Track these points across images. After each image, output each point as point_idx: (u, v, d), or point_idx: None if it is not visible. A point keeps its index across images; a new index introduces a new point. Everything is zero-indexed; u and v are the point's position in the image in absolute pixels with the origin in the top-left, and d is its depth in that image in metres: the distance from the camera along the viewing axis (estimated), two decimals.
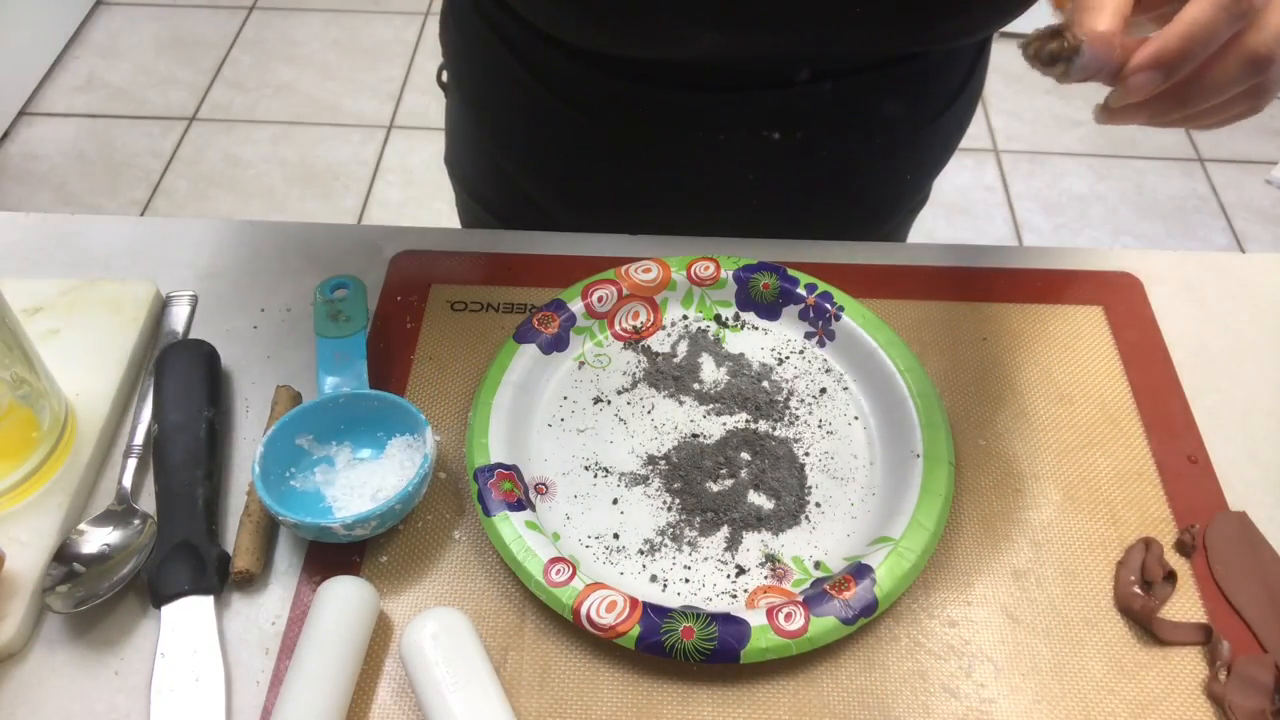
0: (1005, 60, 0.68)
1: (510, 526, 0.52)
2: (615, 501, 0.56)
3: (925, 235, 1.71)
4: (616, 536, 0.54)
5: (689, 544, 0.54)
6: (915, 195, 0.83)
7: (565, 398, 0.61)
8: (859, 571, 0.51)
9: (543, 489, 0.56)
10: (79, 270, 0.68)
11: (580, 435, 0.59)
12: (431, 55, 0.70)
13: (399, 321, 0.65)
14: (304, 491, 0.55)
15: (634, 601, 0.50)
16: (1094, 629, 0.52)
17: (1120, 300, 0.67)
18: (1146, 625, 0.52)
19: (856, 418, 0.60)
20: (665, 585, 0.53)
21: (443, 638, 0.48)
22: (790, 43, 0.60)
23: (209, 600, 0.52)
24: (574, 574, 0.50)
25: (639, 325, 0.64)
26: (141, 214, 1.96)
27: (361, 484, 0.55)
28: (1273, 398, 0.62)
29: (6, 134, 2.10)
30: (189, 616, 0.51)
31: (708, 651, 0.48)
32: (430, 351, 0.64)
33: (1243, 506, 0.56)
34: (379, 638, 0.51)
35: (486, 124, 0.77)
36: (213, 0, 2.46)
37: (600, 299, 0.63)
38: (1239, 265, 0.70)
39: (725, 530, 0.55)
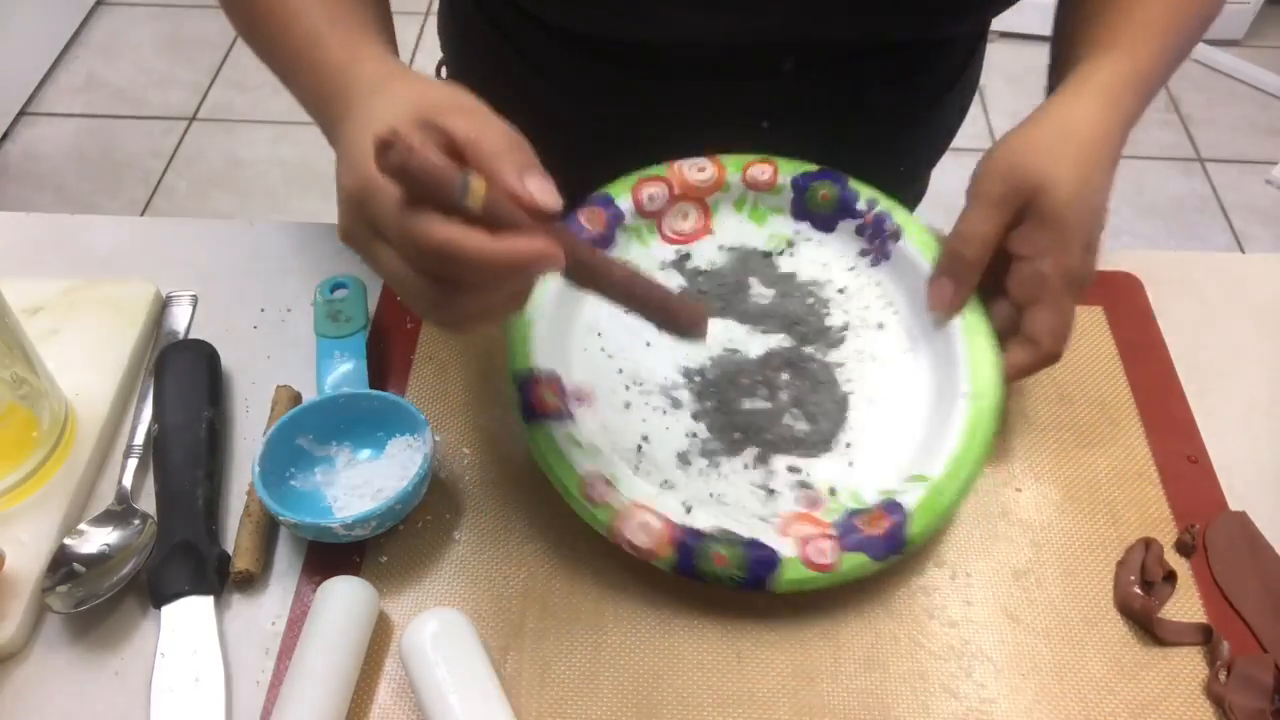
0: (1005, 60, 0.68)
1: (549, 439, 0.52)
2: (650, 415, 0.56)
3: None
4: (646, 441, 0.54)
5: (717, 464, 0.54)
6: (911, 186, 0.83)
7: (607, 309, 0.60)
8: (891, 509, 0.50)
9: (581, 397, 0.56)
10: (79, 270, 0.68)
11: (619, 345, 0.58)
12: (431, 55, 0.71)
13: (399, 321, 0.65)
14: (304, 491, 0.55)
15: (670, 524, 0.50)
16: (1094, 629, 0.52)
17: (1120, 300, 0.67)
18: (1146, 625, 0.52)
19: (899, 350, 0.58)
20: (693, 507, 0.52)
21: (443, 638, 0.48)
22: (772, 26, 0.60)
23: (209, 600, 0.52)
24: (611, 492, 0.50)
25: (688, 229, 0.62)
26: (141, 214, 1.96)
27: (361, 484, 0.55)
28: (1273, 398, 0.62)
29: (6, 134, 2.09)
30: (189, 616, 0.51)
31: (740, 579, 0.49)
32: (430, 351, 0.64)
33: (1243, 506, 0.56)
34: (379, 638, 0.51)
35: None
36: (213, 0, 2.46)
37: (650, 197, 0.61)
38: (1239, 265, 0.70)
39: (754, 450, 0.54)
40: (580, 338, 0.59)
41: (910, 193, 0.84)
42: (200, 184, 2.04)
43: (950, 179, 0.58)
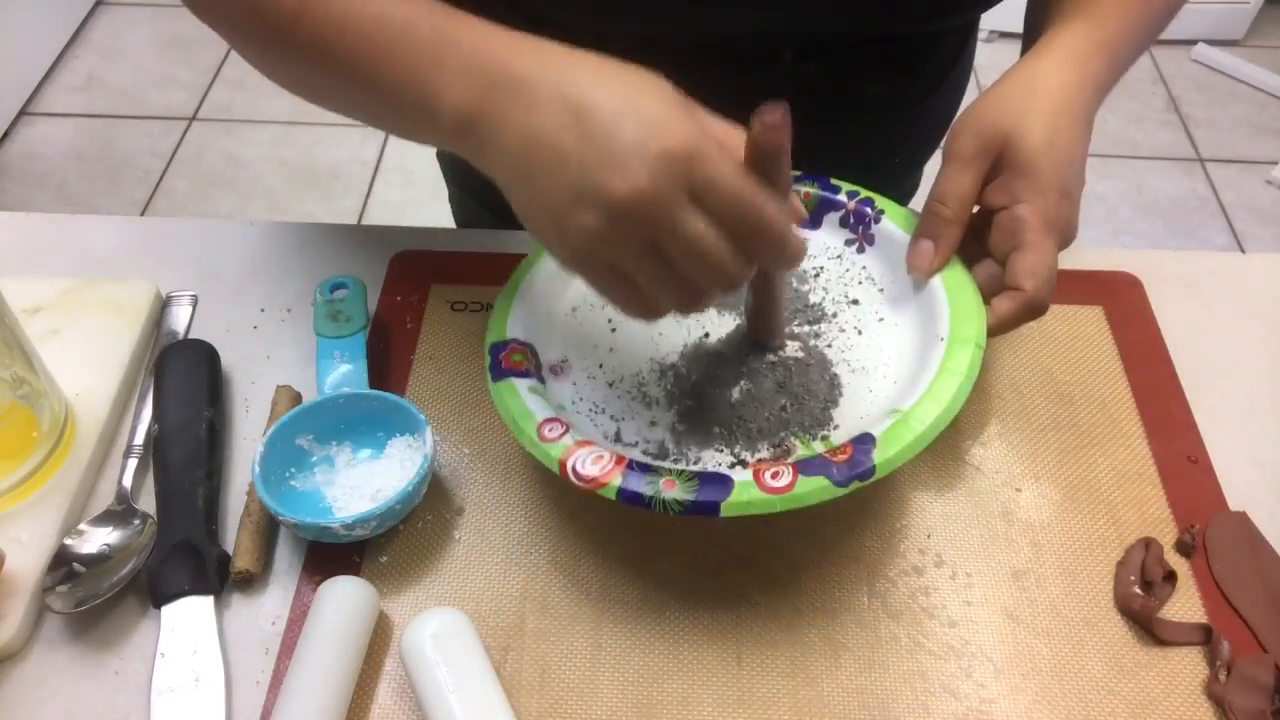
0: (1004, 60, 0.68)
1: (512, 390, 0.52)
2: (623, 397, 0.56)
3: None
4: (618, 435, 0.54)
5: (696, 457, 0.53)
6: (905, 181, 0.83)
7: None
8: (860, 439, 0.49)
9: (558, 370, 0.56)
10: (79, 270, 0.68)
11: (602, 328, 0.59)
12: None
13: (399, 321, 0.65)
14: (304, 491, 0.55)
15: (620, 458, 0.49)
16: (1094, 629, 0.52)
17: (1120, 300, 0.67)
18: (1146, 625, 0.52)
19: (880, 320, 0.59)
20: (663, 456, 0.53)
21: (443, 638, 0.48)
22: (767, 20, 0.60)
23: (209, 600, 0.52)
24: (566, 432, 0.50)
25: None
26: (141, 214, 1.96)
27: (361, 484, 0.55)
28: (1273, 398, 0.62)
29: (6, 134, 2.09)
30: (189, 616, 0.51)
31: (687, 503, 0.46)
32: (430, 351, 0.64)
33: (1243, 506, 0.56)
34: (379, 638, 0.51)
35: None
36: None
37: None
38: (1239, 265, 0.70)
39: (736, 441, 0.53)
40: (562, 320, 0.59)
41: (903, 188, 0.85)
42: (200, 184, 2.04)
43: None
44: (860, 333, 0.58)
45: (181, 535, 0.53)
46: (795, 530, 0.55)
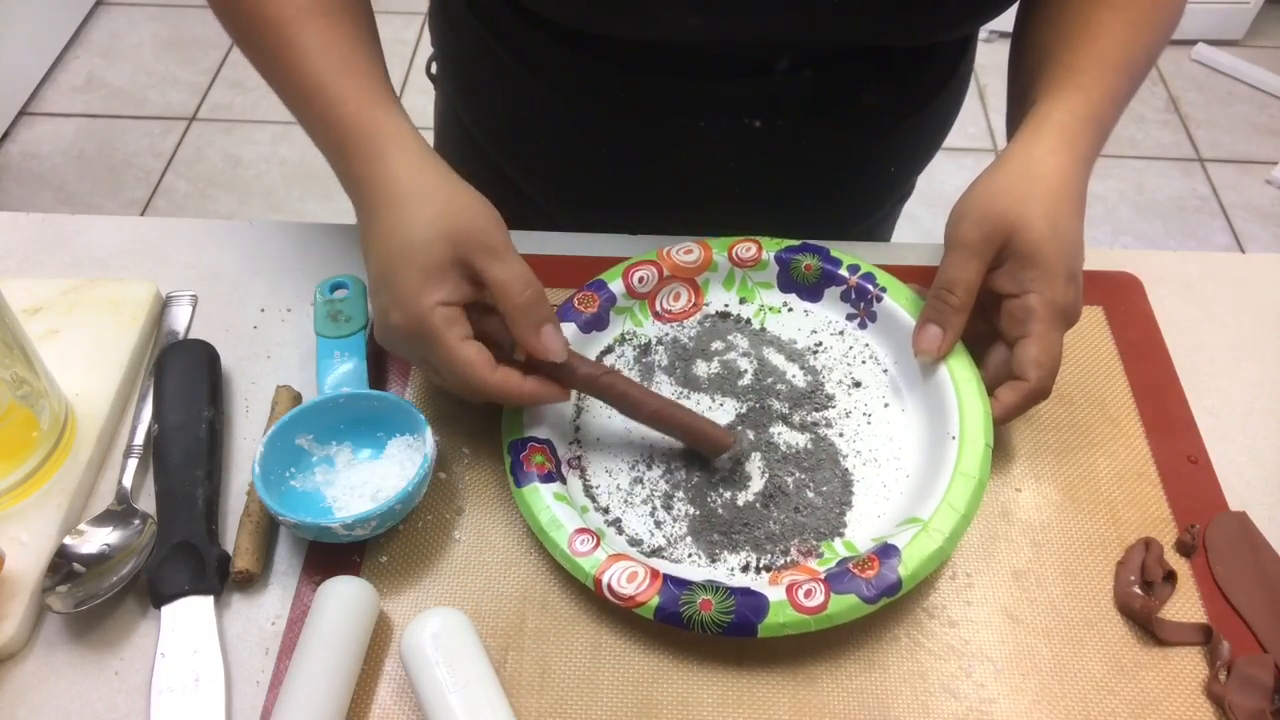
0: (1003, 60, 0.68)
1: (539, 497, 0.53)
2: (625, 494, 0.56)
3: (924, 235, 1.70)
4: (621, 525, 0.55)
5: (714, 557, 0.54)
6: (899, 188, 0.83)
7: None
8: (884, 551, 0.50)
9: (574, 464, 0.57)
10: (79, 270, 0.68)
11: (613, 418, 0.59)
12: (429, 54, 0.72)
13: None
14: (304, 491, 0.55)
15: (655, 573, 0.50)
16: (1094, 629, 0.52)
17: (1120, 300, 0.67)
18: (1146, 625, 0.52)
19: (887, 405, 0.59)
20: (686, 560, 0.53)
21: (443, 638, 0.48)
22: (768, 29, 0.60)
23: (209, 600, 0.52)
24: (597, 544, 0.51)
25: (679, 307, 0.64)
26: (141, 214, 1.96)
27: (361, 484, 0.55)
28: (1273, 398, 0.62)
29: (6, 134, 2.09)
30: (189, 616, 0.51)
31: (725, 624, 0.48)
32: None
33: (1243, 506, 0.56)
34: (379, 638, 0.51)
35: (474, 112, 0.78)
36: None
37: (641, 279, 0.63)
38: (1239, 265, 0.70)
39: (745, 551, 0.54)
40: (570, 414, 0.60)
41: (897, 195, 0.84)
42: (200, 184, 2.04)
43: (953, 180, 0.58)
44: (869, 420, 0.59)
45: (181, 535, 0.53)
46: None
